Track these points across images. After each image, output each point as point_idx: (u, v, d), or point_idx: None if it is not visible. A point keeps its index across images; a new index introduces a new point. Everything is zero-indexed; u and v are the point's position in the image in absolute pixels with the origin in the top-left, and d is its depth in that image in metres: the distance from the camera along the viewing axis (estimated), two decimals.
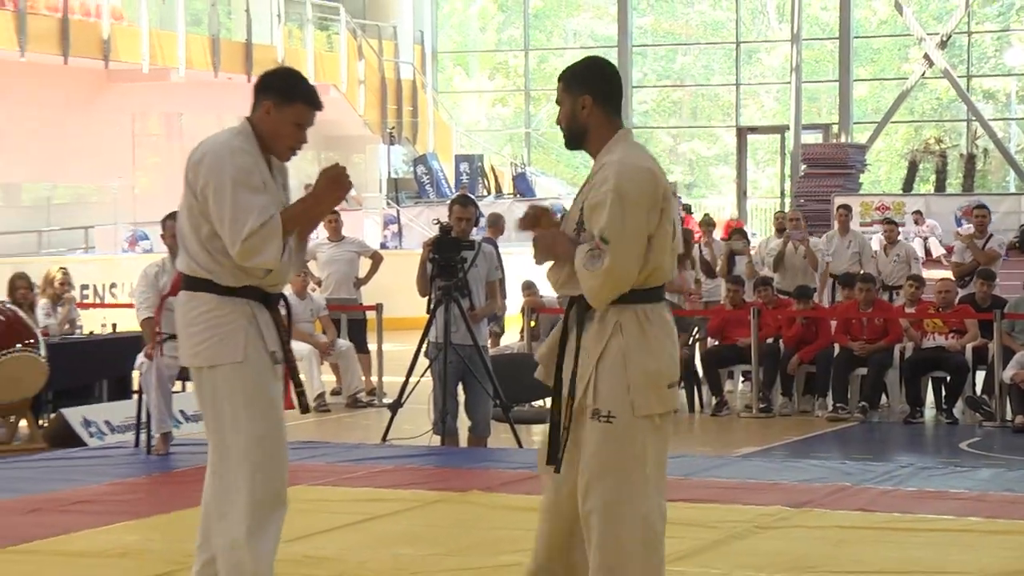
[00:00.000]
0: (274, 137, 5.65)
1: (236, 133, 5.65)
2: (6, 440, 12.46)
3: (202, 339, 5.59)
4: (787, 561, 6.97)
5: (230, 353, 5.56)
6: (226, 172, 5.49)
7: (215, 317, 5.58)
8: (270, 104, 5.63)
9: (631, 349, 5.19)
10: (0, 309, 12.54)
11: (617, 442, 5.20)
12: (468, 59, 36.60)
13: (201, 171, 5.54)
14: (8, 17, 23.55)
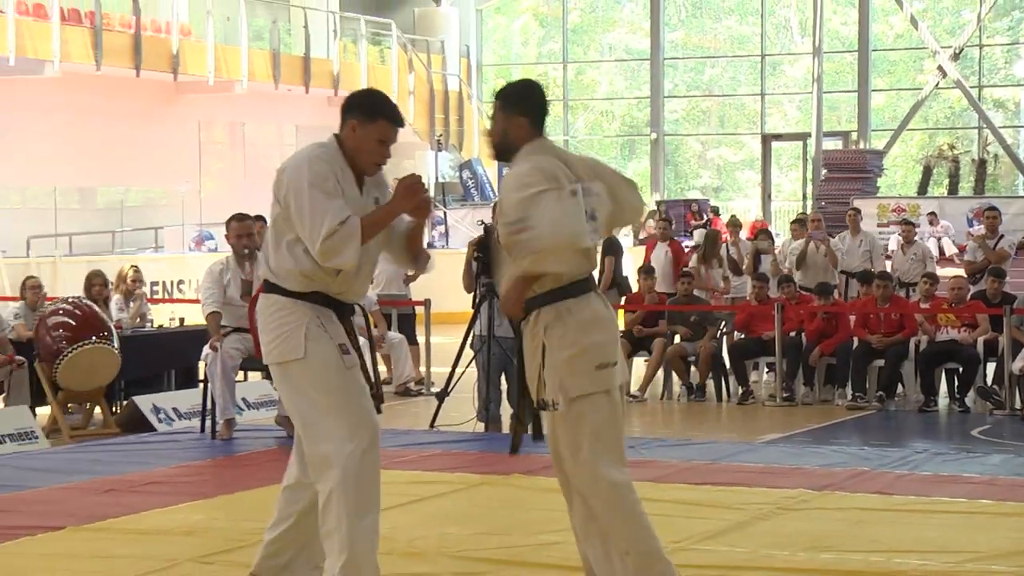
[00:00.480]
0: (359, 153, 5.67)
1: (320, 146, 5.70)
2: (82, 425, 12.51)
3: (271, 338, 5.67)
4: (808, 541, 6.94)
5: (293, 350, 5.60)
6: (303, 177, 5.52)
7: (281, 317, 5.64)
8: (355, 122, 5.65)
9: (553, 340, 5.34)
10: (76, 304, 12.59)
11: (562, 428, 5.38)
12: (510, 71, 36.55)
13: (284, 179, 5.59)
14: (85, 34, 23.64)
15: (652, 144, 33.53)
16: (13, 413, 11.64)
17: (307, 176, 5.52)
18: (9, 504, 8.34)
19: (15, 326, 13.19)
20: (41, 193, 24.18)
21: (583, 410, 5.36)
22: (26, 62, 22.52)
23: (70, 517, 7.80)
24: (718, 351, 14.70)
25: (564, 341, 5.35)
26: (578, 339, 5.36)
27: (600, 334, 5.41)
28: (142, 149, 25.37)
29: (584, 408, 5.36)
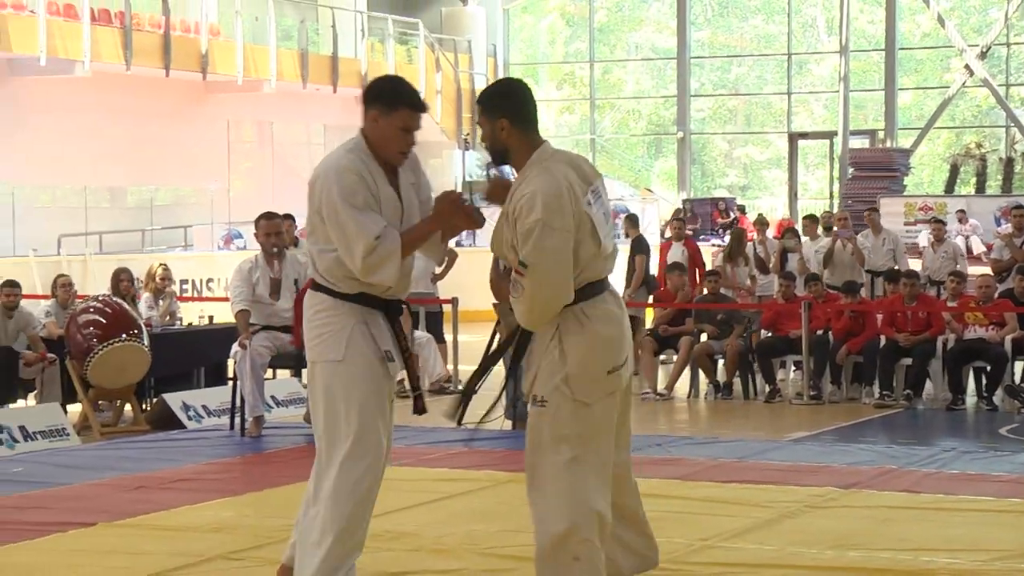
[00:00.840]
0: (384, 144, 5.60)
1: (348, 150, 5.61)
2: (112, 423, 12.56)
3: (313, 335, 5.66)
4: (836, 539, 6.93)
5: (332, 351, 5.58)
6: (334, 193, 5.46)
7: (326, 317, 5.63)
8: (376, 113, 5.58)
9: (570, 344, 5.31)
10: (106, 302, 12.64)
11: (547, 425, 5.33)
12: (537, 70, 36.54)
13: (316, 191, 5.56)
14: (115, 34, 23.73)
15: (679, 143, 33.49)
16: (45, 410, 11.69)
17: (337, 192, 5.46)
18: (41, 500, 8.38)
19: (46, 324, 13.25)
20: (72, 192, 24.28)
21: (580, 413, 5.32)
22: (57, 62, 22.63)
23: (101, 513, 7.84)
24: (745, 349, 14.67)
25: (584, 346, 5.32)
26: (599, 343, 5.35)
27: (619, 335, 5.43)
28: (171, 148, 25.46)
29: (582, 411, 5.32)
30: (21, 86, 23.16)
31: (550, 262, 5.22)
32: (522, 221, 5.28)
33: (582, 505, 5.27)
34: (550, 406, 5.32)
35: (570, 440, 5.29)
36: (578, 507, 5.26)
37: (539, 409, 5.36)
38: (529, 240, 5.23)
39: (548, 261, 5.22)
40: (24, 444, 10.84)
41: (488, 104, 5.50)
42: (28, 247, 20.32)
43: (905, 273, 14.80)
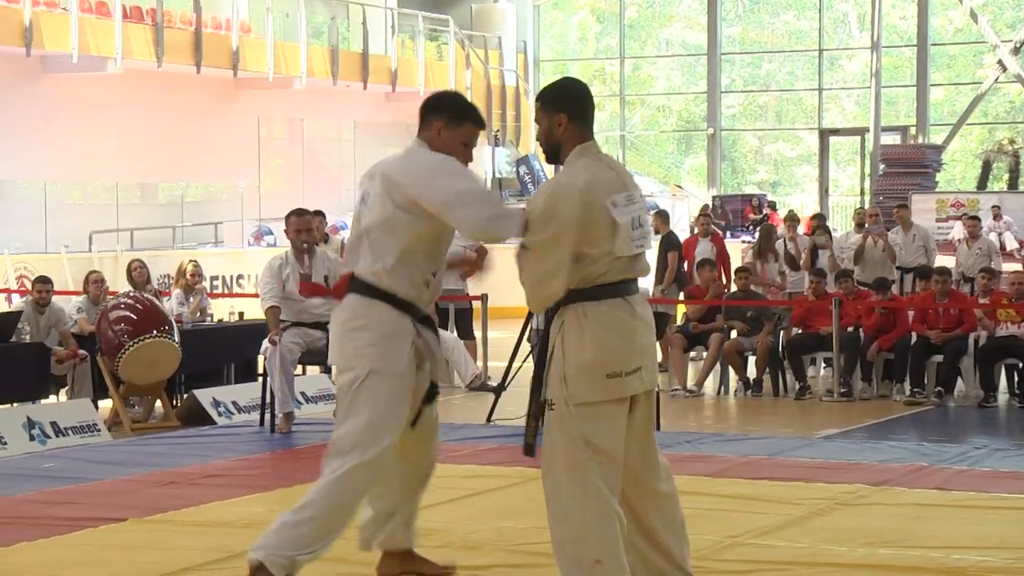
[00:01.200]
0: (450, 154, 5.69)
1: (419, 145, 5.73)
2: (143, 418, 12.61)
3: (366, 342, 5.64)
4: (866, 536, 6.90)
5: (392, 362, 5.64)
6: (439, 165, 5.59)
7: (380, 326, 5.65)
8: (441, 124, 5.68)
9: (568, 344, 5.29)
10: (137, 299, 12.69)
11: (556, 427, 5.33)
12: (568, 67, 36.52)
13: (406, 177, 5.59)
14: (147, 31, 23.82)
15: (709, 139, 33.44)
16: (76, 406, 11.74)
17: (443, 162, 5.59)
18: (72, 496, 8.41)
19: (78, 320, 13.32)
20: (103, 189, 24.38)
21: (583, 416, 5.28)
22: (89, 59, 22.73)
23: (132, 509, 7.86)
24: (775, 346, 14.64)
25: (579, 344, 5.29)
26: (596, 344, 5.28)
27: (620, 341, 5.32)
28: (202, 145, 25.55)
29: (586, 414, 5.28)
30: (53, 83, 23.27)
31: (546, 247, 5.27)
32: (531, 206, 5.36)
33: (594, 507, 5.25)
34: (557, 408, 5.32)
35: (578, 442, 5.26)
36: (590, 509, 5.25)
37: (549, 412, 5.37)
38: (535, 223, 5.30)
39: (543, 246, 5.27)
40: (55, 440, 10.89)
41: (550, 99, 5.51)
42: (60, 244, 20.41)
43: (937, 270, 14.72)
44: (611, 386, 5.29)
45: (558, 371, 5.31)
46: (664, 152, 36.48)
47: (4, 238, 20.01)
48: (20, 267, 18.74)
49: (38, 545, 6.98)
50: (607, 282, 5.33)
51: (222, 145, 25.77)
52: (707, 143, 33.60)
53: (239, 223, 24.74)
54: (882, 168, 28.59)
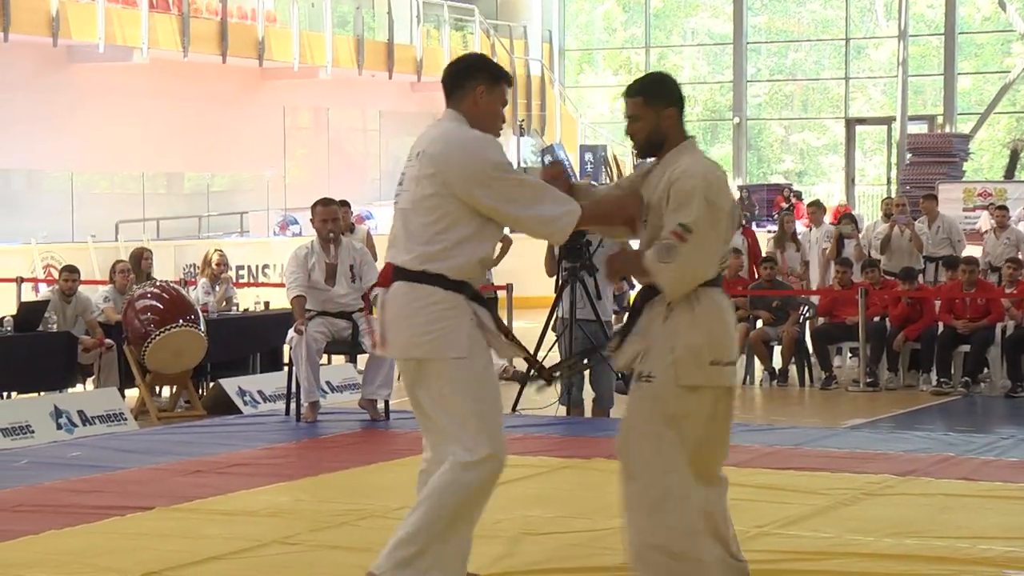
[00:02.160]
0: (490, 120, 5.44)
1: (461, 125, 5.40)
2: (169, 408, 12.65)
3: (424, 330, 5.31)
4: (893, 526, 6.89)
5: (454, 347, 5.30)
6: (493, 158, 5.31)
7: (441, 310, 5.32)
8: (484, 88, 5.41)
9: (680, 325, 5.27)
10: (164, 288, 12.73)
11: (651, 400, 5.30)
12: (593, 56, 36.48)
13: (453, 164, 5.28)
14: (173, 21, 23.88)
15: (735, 128, 33.36)
16: (103, 395, 11.79)
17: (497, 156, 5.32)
18: (100, 484, 8.45)
19: (104, 309, 13.36)
20: (129, 179, 24.46)
21: (682, 397, 5.29)
22: (115, 49, 22.80)
23: (159, 497, 7.89)
24: (801, 336, 14.61)
25: (691, 327, 5.29)
26: (705, 329, 5.31)
27: (724, 329, 5.38)
28: (228, 135, 25.60)
29: (685, 395, 5.29)
30: (80, 73, 23.35)
31: (709, 230, 5.24)
32: (682, 189, 5.29)
33: (676, 487, 5.28)
34: (656, 383, 5.29)
35: (667, 420, 5.27)
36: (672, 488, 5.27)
37: (643, 384, 5.33)
38: (691, 206, 5.24)
39: (707, 228, 5.24)
40: (82, 428, 10.93)
41: (658, 94, 5.48)
42: (86, 233, 20.48)
43: (964, 259, 14.68)
44: (716, 373, 5.33)
45: (664, 349, 5.28)
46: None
47: (31, 228, 20.08)
48: (47, 256, 18.81)
49: (65, 533, 7.01)
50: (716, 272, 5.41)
51: (248, 135, 25.82)
52: (733, 132, 33.52)
53: (265, 212, 24.79)
54: (909, 157, 28.47)
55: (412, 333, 5.31)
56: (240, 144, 25.77)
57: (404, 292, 5.35)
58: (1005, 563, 6.21)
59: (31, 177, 23.22)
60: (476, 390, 5.31)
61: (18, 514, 7.49)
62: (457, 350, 5.27)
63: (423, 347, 5.30)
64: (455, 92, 5.43)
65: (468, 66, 5.49)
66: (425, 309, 5.29)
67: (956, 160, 27.76)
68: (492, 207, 5.28)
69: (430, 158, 5.30)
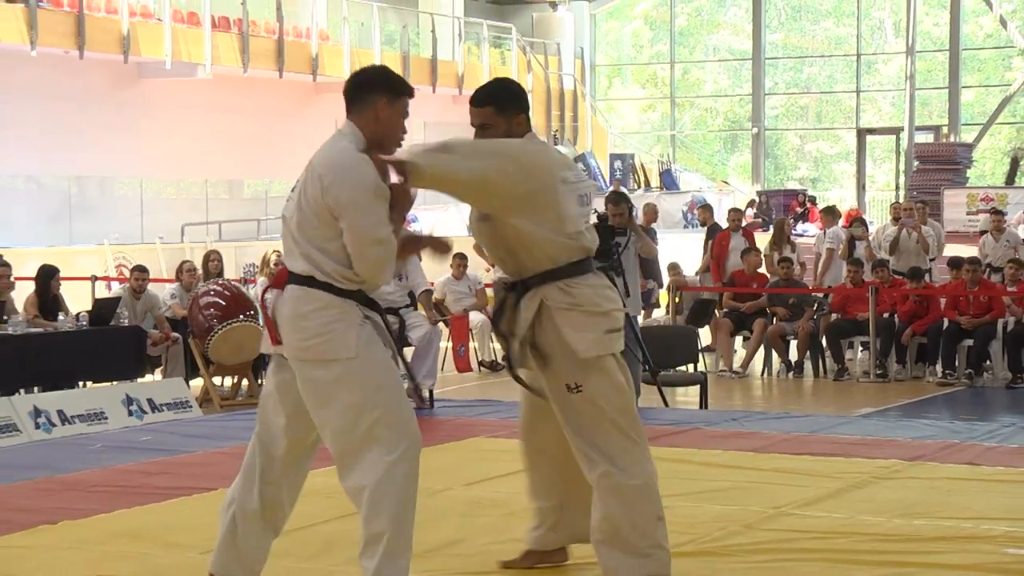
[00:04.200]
0: (388, 134, 4.94)
1: (350, 142, 4.89)
2: (231, 396, 12.70)
3: (312, 335, 4.80)
4: (902, 508, 6.85)
5: (343, 349, 4.78)
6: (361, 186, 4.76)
7: (329, 315, 4.79)
8: (384, 101, 4.90)
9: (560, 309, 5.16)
10: (226, 287, 12.79)
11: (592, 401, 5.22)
12: (622, 71, 36.43)
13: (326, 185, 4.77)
14: (234, 39, 23.96)
15: (753, 138, 33.27)
16: (170, 385, 11.84)
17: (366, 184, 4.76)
18: (168, 467, 8.48)
19: (171, 306, 13.42)
20: (194, 185, 24.58)
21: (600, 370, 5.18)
22: (181, 65, 22.90)
23: (222, 479, 7.89)
24: (815, 331, 14.56)
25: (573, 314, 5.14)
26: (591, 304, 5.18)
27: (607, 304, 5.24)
28: (284, 144, 25.65)
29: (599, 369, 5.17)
30: (149, 88, 23.46)
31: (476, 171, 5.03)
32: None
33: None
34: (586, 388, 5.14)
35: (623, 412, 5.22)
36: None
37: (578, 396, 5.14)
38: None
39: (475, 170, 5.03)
40: (151, 415, 10.98)
41: (510, 102, 5.30)
42: (155, 235, 20.58)
43: (967, 259, 14.62)
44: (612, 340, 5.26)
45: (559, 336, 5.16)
46: (711, 150, 36.32)
47: (104, 230, 20.20)
48: (119, 257, 18.91)
49: (136, 511, 7.04)
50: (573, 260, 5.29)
51: (302, 144, 25.67)
52: (752, 142, 33.43)
53: None
54: (916, 165, 28.35)
55: (302, 337, 4.83)
56: (295, 153, 25.65)
57: (295, 297, 4.86)
58: (1006, 541, 6.18)
59: (104, 184, 23.34)
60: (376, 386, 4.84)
61: (93, 494, 7.54)
62: (346, 351, 4.78)
63: (311, 350, 4.81)
64: (355, 105, 4.94)
65: (370, 79, 4.99)
66: (314, 314, 4.80)
67: (960, 167, 27.63)
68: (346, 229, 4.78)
69: (312, 176, 4.87)
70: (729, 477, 7.70)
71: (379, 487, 4.84)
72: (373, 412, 4.82)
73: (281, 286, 4.95)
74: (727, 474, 7.80)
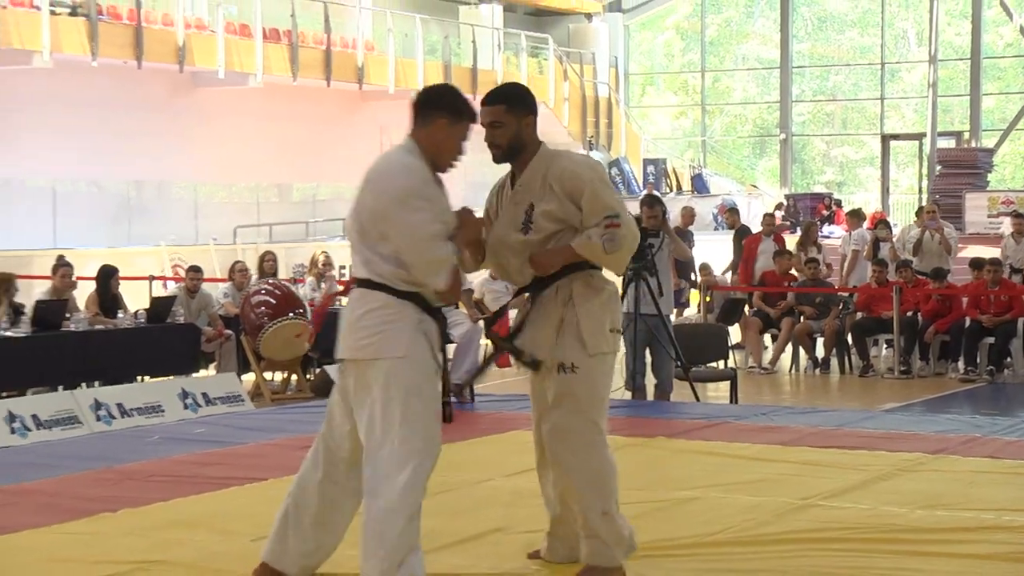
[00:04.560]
0: (448, 153, 4.93)
1: (407, 151, 4.89)
2: (281, 390, 12.75)
3: (365, 333, 4.81)
4: (925, 499, 6.81)
5: (394, 348, 4.76)
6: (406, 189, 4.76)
7: (385, 315, 4.79)
8: (445, 121, 4.89)
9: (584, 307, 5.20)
10: (277, 286, 12.83)
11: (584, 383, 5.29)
12: (654, 79, 36.34)
13: (377, 190, 4.81)
14: (284, 50, 24.03)
15: (781, 144, 33.14)
16: (223, 379, 11.90)
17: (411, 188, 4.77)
18: (221, 458, 8.51)
19: (224, 304, 13.48)
20: (245, 189, 24.68)
21: (602, 368, 5.24)
22: (233, 75, 23.00)
23: (273, 470, 7.94)
24: (841, 329, 14.49)
25: (593, 307, 5.19)
26: (604, 305, 5.23)
27: (616, 302, 5.31)
28: (331, 150, 25.75)
29: (602, 366, 5.24)
30: (202, 96, 23.57)
31: (624, 208, 5.15)
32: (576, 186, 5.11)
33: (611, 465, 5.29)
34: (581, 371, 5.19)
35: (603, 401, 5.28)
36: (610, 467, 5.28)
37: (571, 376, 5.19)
38: (601, 196, 5.10)
39: (622, 207, 5.15)
40: (206, 408, 11.04)
41: (519, 103, 5.24)
42: (208, 237, 20.69)
43: (989, 260, 14.53)
44: (614, 339, 5.29)
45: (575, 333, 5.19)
46: (741, 155, 36.21)
47: (161, 232, 20.31)
48: (174, 257, 19.01)
49: (192, 500, 7.07)
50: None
51: (348, 150, 25.93)
52: (779, 147, 33.30)
53: None
54: (938, 169, 28.16)
55: (357, 335, 4.84)
56: (342, 158, 25.88)
57: (356, 299, 4.89)
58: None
59: (161, 188, 23.47)
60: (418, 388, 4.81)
61: (151, 483, 7.58)
62: (397, 350, 4.76)
63: (364, 349, 4.81)
64: (419, 119, 4.93)
65: (436, 98, 4.98)
66: (369, 314, 4.81)
67: (981, 172, 27.43)
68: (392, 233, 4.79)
69: (364, 182, 4.90)
70: (759, 469, 7.68)
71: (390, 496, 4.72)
72: (404, 414, 4.77)
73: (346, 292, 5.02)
74: (757, 466, 7.77)
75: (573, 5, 33.12)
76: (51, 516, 6.64)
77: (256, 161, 24.27)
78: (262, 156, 24.41)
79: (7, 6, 19.76)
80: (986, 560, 5.63)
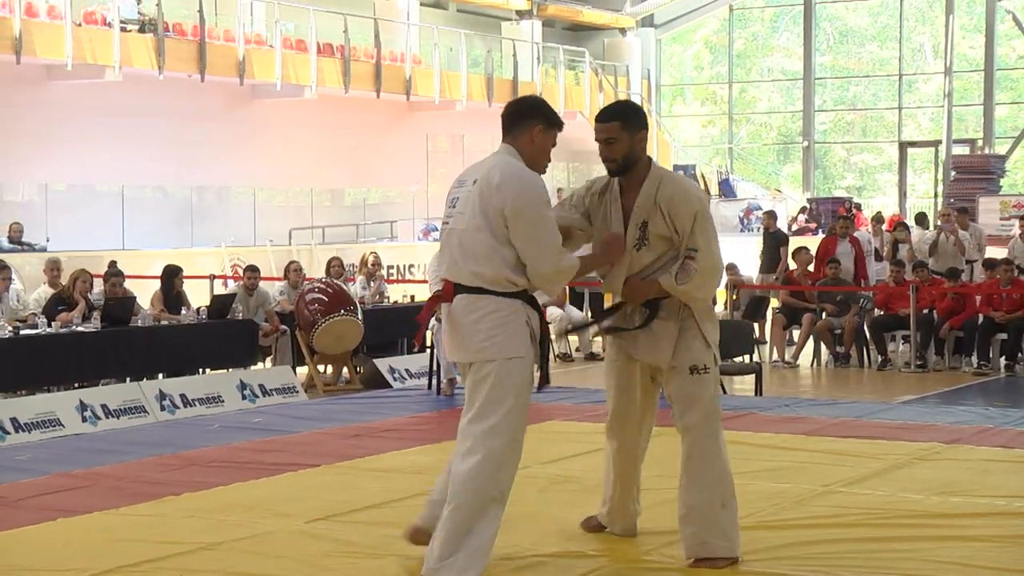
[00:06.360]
0: (539, 158, 4.99)
1: (517, 158, 4.97)
2: (332, 382, 12.77)
3: (486, 336, 4.85)
4: (940, 486, 6.77)
5: (515, 348, 4.85)
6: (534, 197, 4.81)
7: (502, 317, 4.84)
8: (540, 128, 4.97)
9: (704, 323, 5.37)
10: (328, 284, 12.86)
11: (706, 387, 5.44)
12: (684, 90, 36.22)
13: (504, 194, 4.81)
14: (336, 63, 24.09)
15: (804, 151, 32.96)
16: (278, 372, 11.94)
17: (538, 197, 4.81)
18: (277, 446, 8.56)
19: (280, 301, 13.53)
20: (300, 193, 24.74)
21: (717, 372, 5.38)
22: (290, 87, 23.08)
23: (325, 457, 7.97)
24: (860, 325, 14.40)
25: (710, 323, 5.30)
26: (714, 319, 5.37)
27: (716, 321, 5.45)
28: (380, 157, 25.80)
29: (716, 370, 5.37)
30: (260, 107, 23.67)
31: (714, 243, 5.18)
32: (677, 214, 5.15)
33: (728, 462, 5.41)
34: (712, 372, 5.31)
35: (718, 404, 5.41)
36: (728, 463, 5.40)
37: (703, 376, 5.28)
38: (692, 229, 5.13)
39: (713, 242, 5.18)
40: (262, 399, 11.08)
41: (633, 120, 5.24)
42: (265, 238, 20.76)
43: (1003, 260, 14.43)
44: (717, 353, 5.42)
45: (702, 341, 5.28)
46: (766, 161, 36.03)
47: (221, 234, 20.40)
48: (234, 258, 19.10)
49: (250, 485, 7.11)
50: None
51: (397, 157, 26.00)
52: (803, 154, 33.12)
53: (411, 221, 24.94)
54: (953, 175, 27.93)
55: (476, 338, 4.87)
56: (390, 165, 25.96)
57: (466, 304, 4.88)
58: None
59: (221, 192, 23.56)
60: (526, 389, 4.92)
61: (212, 469, 7.62)
62: (518, 351, 4.85)
63: (487, 350, 4.85)
64: (514, 128, 5.00)
65: (530, 107, 5.07)
66: (487, 317, 4.84)
67: (994, 177, 27.18)
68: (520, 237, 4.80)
69: (488, 185, 4.88)
70: (782, 458, 7.65)
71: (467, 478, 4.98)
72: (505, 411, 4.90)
73: (450, 299, 4.96)
74: (780, 455, 7.74)
75: (608, 21, 33.06)
76: (119, 499, 6.68)
77: (310, 168, 24.34)
78: (316, 163, 24.49)
79: (81, 24, 19.91)
80: (998, 543, 5.59)
